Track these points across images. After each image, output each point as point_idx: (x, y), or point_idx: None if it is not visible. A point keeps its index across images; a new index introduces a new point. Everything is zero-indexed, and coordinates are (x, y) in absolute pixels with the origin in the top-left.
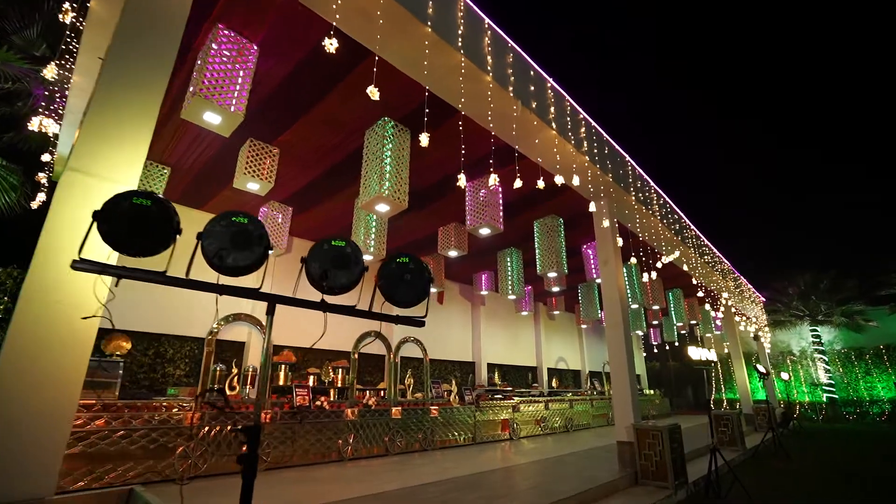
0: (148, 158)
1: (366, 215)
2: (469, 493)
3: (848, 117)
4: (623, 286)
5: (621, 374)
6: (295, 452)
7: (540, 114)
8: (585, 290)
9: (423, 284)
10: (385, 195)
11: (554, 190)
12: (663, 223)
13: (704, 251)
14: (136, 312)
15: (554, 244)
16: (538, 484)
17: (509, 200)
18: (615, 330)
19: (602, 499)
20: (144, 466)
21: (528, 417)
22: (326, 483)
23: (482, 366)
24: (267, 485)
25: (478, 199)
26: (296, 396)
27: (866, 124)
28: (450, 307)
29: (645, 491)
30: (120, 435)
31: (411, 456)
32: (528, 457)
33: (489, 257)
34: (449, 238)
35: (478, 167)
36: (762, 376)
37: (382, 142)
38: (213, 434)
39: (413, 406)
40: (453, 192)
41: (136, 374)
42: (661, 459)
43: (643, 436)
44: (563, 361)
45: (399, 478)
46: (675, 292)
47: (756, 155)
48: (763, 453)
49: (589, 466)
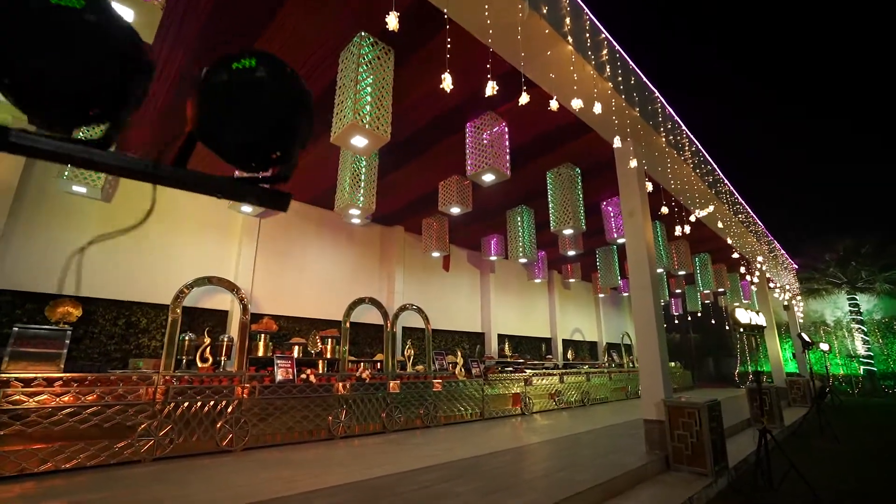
0: None
1: (352, 161)
2: (465, 483)
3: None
4: (651, 242)
5: (650, 343)
6: (277, 430)
7: (553, 24)
8: (604, 256)
9: (282, 107)
10: (362, 124)
11: (569, 129)
12: (696, 173)
13: (739, 209)
14: (100, 278)
15: (570, 197)
16: (550, 470)
17: (518, 145)
18: (642, 292)
19: (628, 489)
20: (98, 447)
21: (542, 391)
22: (304, 467)
23: (492, 337)
24: (233, 468)
25: (480, 140)
26: (277, 369)
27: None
28: (456, 274)
29: (678, 479)
30: (68, 413)
31: (411, 434)
32: (541, 435)
33: (498, 218)
34: (450, 193)
35: (478, 101)
36: (806, 346)
37: (359, 60)
38: (180, 411)
39: (413, 379)
40: (453, 133)
41: (107, 345)
42: (697, 441)
43: (676, 414)
44: (578, 332)
45: (390, 460)
46: (702, 257)
47: (791, 120)
48: (805, 431)
49: (610, 447)
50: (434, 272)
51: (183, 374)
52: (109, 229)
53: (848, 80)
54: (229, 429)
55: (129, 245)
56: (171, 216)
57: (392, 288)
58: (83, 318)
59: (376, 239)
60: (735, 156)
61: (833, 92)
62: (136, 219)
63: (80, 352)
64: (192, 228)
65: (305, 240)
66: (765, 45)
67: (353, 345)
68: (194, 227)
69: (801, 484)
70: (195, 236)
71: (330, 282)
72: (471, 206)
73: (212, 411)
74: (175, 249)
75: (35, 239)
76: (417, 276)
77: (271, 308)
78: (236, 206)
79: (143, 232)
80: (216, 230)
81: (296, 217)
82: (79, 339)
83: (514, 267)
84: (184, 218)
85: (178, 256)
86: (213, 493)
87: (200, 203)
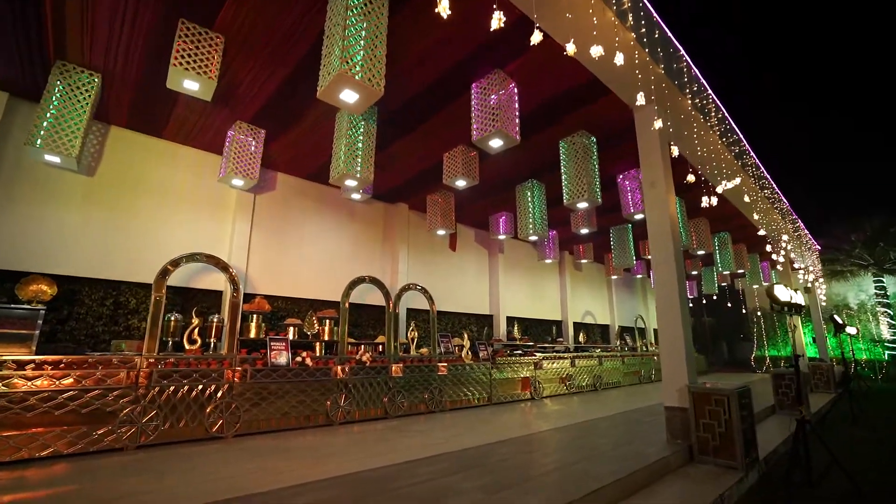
0: (67, 60)
1: (347, 128)
2: (470, 477)
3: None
4: (675, 214)
5: (673, 323)
6: (272, 416)
7: None
8: (618, 234)
9: None
10: (351, 74)
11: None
12: (722, 142)
13: (764, 184)
14: (86, 256)
15: (585, 167)
16: (564, 462)
17: (528, 111)
18: (665, 268)
19: (651, 484)
20: (76, 434)
21: (552, 375)
22: (296, 456)
23: (501, 319)
24: (219, 456)
25: (487, 102)
26: (270, 351)
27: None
28: (463, 254)
29: (705, 472)
30: (42, 398)
31: (415, 419)
32: (552, 421)
33: (506, 193)
34: (456, 165)
35: (484, 57)
36: (839, 329)
37: (347, 3)
38: (165, 396)
39: (417, 363)
40: (458, 97)
41: (94, 327)
42: (726, 431)
43: (702, 401)
44: (590, 315)
45: (390, 449)
46: (722, 236)
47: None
48: (834, 419)
49: (627, 436)
50: (440, 252)
51: (168, 357)
52: (92, 205)
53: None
54: (219, 414)
55: (116, 222)
56: (161, 192)
57: (396, 268)
58: (68, 299)
59: (379, 217)
60: (759, 125)
61: (869, 58)
62: (121, 193)
63: (65, 333)
64: (183, 204)
65: (305, 217)
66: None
67: (356, 327)
68: (185, 203)
69: (842, 478)
70: (186, 213)
71: (330, 261)
72: (477, 179)
73: (200, 396)
74: (165, 227)
75: (11, 214)
76: (423, 256)
77: (268, 288)
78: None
79: (132, 209)
80: (209, 206)
81: (294, 194)
82: (64, 321)
83: (524, 247)
84: (174, 193)
85: (168, 234)
86: (191, 486)
87: (191, 177)
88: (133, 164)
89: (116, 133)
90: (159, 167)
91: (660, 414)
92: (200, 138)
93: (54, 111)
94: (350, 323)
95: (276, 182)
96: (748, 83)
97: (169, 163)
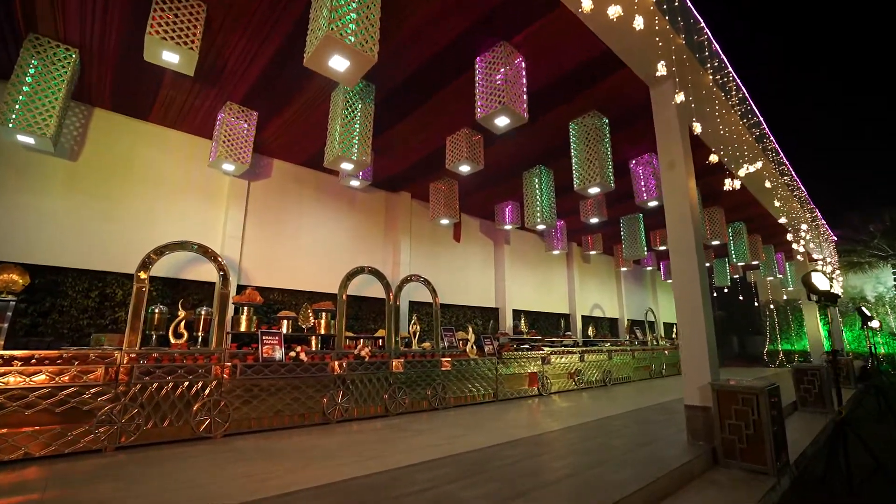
0: (40, 33)
1: (342, 107)
2: (472, 487)
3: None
4: (695, 198)
5: (694, 316)
6: (264, 414)
7: None
8: (629, 224)
9: None
10: (339, 37)
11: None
12: (743, 123)
13: (784, 170)
14: (69, 245)
15: (597, 150)
16: (578, 467)
17: (536, 89)
18: (684, 257)
19: (676, 491)
20: (49, 435)
21: (560, 370)
22: (285, 459)
23: (507, 312)
24: (203, 459)
25: (492, 77)
26: (262, 345)
27: None
28: (468, 245)
29: (733, 478)
30: (9, 396)
31: (417, 417)
32: (562, 420)
33: (513, 181)
34: (459, 149)
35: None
36: (866, 321)
37: None
38: (148, 393)
39: (419, 358)
40: (461, 74)
41: (79, 320)
42: (755, 433)
43: (727, 400)
44: (598, 308)
45: (388, 450)
46: (736, 226)
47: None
48: (860, 416)
49: (644, 436)
50: (444, 243)
51: (151, 352)
52: (75, 191)
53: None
54: (207, 413)
55: (102, 209)
56: (149, 178)
57: (398, 259)
58: (50, 290)
59: (380, 206)
60: (778, 107)
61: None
62: (105, 179)
63: (46, 327)
64: (173, 191)
65: (302, 206)
66: None
67: (356, 320)
68: (175, 190)
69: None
70: (176, 201)
71: (329, 252)
72: (482, 164)
73: (186, 393)
74: (154, 214)
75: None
76: (426, 247)
77: (263, 280)
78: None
79: (118, 196)
80: (200, 194)
81: (291, 181)
82: (45, 313)
83: (531, 238)
84: (163, 180)
85: (157, 222)
86: (165, 495)
87: (180, 163)
88: (119, 149)
89: (100, 115)
90: (147, 152)
91: (675, 412)
92: (189, 121)
93: (27, 88)
94: (349, 316)
95: (271, 169)
96: (761, 54)
97: (157, 147)
